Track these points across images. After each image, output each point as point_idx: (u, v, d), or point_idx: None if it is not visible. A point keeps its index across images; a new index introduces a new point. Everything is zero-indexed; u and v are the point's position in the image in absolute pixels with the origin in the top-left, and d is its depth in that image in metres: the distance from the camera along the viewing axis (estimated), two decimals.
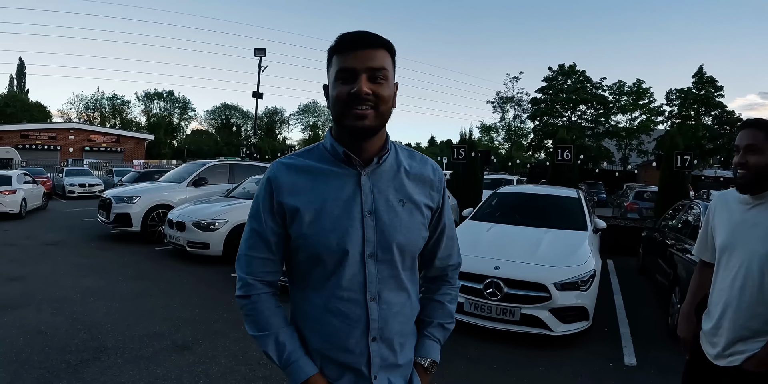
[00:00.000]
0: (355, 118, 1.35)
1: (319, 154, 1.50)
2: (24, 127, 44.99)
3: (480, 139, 57.49)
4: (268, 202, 1.46)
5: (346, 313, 1.42)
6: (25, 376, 4.15)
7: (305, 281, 1.48)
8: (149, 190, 11.47)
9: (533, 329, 4.98)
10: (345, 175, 1.45)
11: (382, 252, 1.45)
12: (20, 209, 14.49)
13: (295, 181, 1.45)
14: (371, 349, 1.45)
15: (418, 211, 1.53)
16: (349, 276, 1.42)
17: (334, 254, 1.41)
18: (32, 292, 6.65)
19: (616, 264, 9.44)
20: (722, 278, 2.18)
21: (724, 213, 2.25)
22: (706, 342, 2.25)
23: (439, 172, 1.64)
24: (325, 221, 1.41)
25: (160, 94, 72.44)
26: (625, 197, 19.42)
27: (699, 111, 42.20)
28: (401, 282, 1.51)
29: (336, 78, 1.37)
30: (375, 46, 1.37)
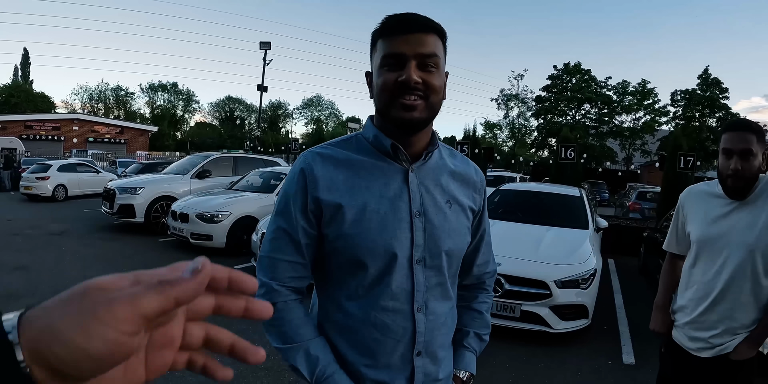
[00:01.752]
0: (402, 109, 1.22)
1: (359, 145, 1.35)
2: (28, 118, 44.89)
3: (483, 136, 57.40)
4: (300, 198, 1.28)
5: (390, 326, 1.28)
6: None
7: (340, 288, 1.32)
8: (153, 181, 11.50)
9: (533, 326, 5.01)
10: (390, 171, 1.32)
11: (431, 257, 1.32)
12: (53, 193, 16.80)
13: (333, 174, 1.29)
14: (416, 365, 1.32)
15: (464, 214, 1.42)
16: (396, 284, 1.28)
17: (380, 259, 1.26)
18: (36, 281, 6.69)
19: (616, 264, 9.46)
20: (703, 271, 2.16)
21: (699, 206, 2.23)
22: (683, 335, 2.25)
23: (481, 173, 1.54)
24: (371, 221, 1.26)
25: (165, 86, 72.30)
26: (628, 197, 19.43)
27: (703, 112, 42.02)
28: (447, 290, 1.39)
29: (382, 64, 1.24)
30: (426, 30, 1.24)
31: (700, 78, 42.01)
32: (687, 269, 2.28)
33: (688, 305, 2.22)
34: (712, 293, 2.10)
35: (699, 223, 2.20)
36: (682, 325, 2.25)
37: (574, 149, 12.81)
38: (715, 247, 2.11)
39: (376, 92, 1.27)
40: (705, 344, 2.13)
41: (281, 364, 4.29)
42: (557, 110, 46.84)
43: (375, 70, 1.28)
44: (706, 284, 2.14)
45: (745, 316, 2.06)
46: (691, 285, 2.23)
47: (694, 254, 2.23)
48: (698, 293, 2.17)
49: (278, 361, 4.33)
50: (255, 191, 9.89)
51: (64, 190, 17.40)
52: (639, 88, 45.31)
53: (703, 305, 2.14)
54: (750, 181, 2.03)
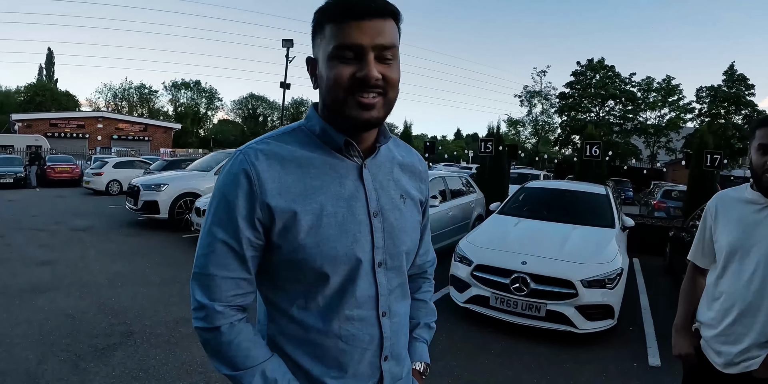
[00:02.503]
0: (360, 108, 1.09)
1: (305, 138, 1.20)
2: (53, 116, 45.63)
3: (507, 133, 57.06)
4: (246, 204, 1.11)
5: (357, 336, 1.20)
6: (52, 358, 4.24)
7: (296, 300, 1.19)
8: (177, 178, 11.61)
9: (558, 326, 4.95)
10: (342, 168, 1.19)
11: (391, 259, 1.24)
12: (106, 188, 19.03)
13: (281, 174, 1.13)
14: (383, 370, 1.26)
15: (416, 208, 1.36)
16: (360, 291, 1.19)
17: (343, 267, 1.15)
18: (61, 276, 6.79)
19: (642, 263, 9.32)
20: (733, 281, 2.01)
21: (728, 213, 2.09)
22: (709, 349, 2.10)
23: (424, 162, 1.47)
24: (330, 226, 1.14)
25: (188, 84, 72.89)
26: (653, 196, 19.15)
27: (729, 109, 41.42)
28: (406, 290, 1.36)
29: (333, 55, 1.08)
30: (384, 15, 1.08)
31: (726, 74, 41.44)
32: (713, 280, 2.13)
33: (716, 317, 2.08)
34: (742, 304, 1.96)
35: (730, 230, 2.05)
36: (709, 339, 2.11)
37: (599, 147, 12.63)
38: (747, 255, 1.97)
39: (325, 86, 1.11)
40: (732, 359, 1.99)
41: None
42: (581, 107, 46.46)
43: (324, 60, 1.11)
44: (734, 295, 2.00)
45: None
46: (717, 296, 2.09)
47: (722, 264, 2.07)
48: (725, 304, 2.03)
49: None
50: None
51: (118, 185, 19.27)
52: (664, 84, 44.76)
53: (731, 317, 2.00)
54: None
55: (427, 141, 17.88)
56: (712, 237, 2.16)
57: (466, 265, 5.52)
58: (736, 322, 1.97)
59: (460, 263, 5.63)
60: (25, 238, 9.35)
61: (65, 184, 21.79)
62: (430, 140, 22.20)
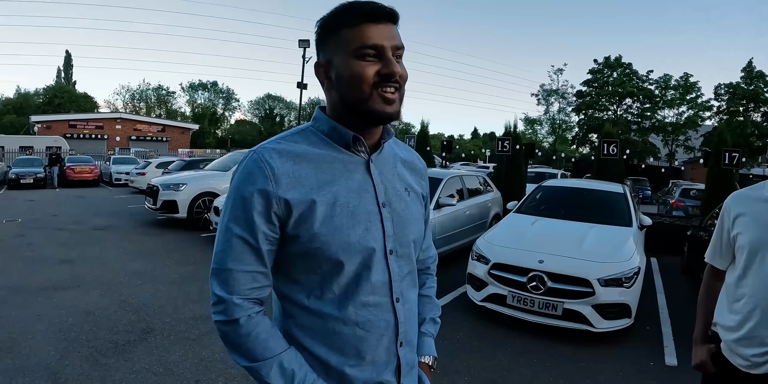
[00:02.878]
0: (383, 103, 1.18)
1: (313, 137, 1.28)
2: (72, 117, 46.10)
3: (524, 132, 56.80)
4: (262, 200, 1.17)
5: (373, 322, 1.25)
6: (74, 353, 4.32)
7: (311, 290, 1.24)
8: (195, 178, 11.71)
9: (575, 325, 4.94)
10: (351, 163, 1.27)
11: (401, 246, 1.31)
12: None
13: (294, 170, 1.20)
14: (400, 356, 1.31)
15: (419, 201, 1.44)
16: (375, 277, 1.25)
17: (357, 254, 1.22)
18: (81, 274, 6.89)
19: (659, 262, 9.26)
20: (755, 282, 1.96)
21: (748, 213, 2.05)
22: (730, 352, 2.05)
23: (423, 160, 1.56)
24: (343, 216, 1.20)
25: (205, 85, 73.43)
26: (671, 194, 18.94)
27: (748, 107, 40.87)
28: (415, 278, 1.42)
29: (355, 55, 1.17)
30: (394, 20, 1.21)
31: (744, 71, 40.83)
32: (734, 281, 2.08)
33: (737, 320, 2.01)
34: (766, 305, 1.91)
35: (752, 230, 2.00)
36: (731, 343, 2.05)
37: (616, 145, 12.54)
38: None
39: (348, 83, 1.19)
40: (756, 360, 1.93)
41: None
42: (598, 105, 46.16)
43: (344, 61, 1.19)
44: (757, 296, 1.94)
45: None
46: (739, 297, 2.03)
47: (743, 264, 2.01)
48: (748, 306, 1.97)
49: None
50: None
51: None
52: (681, 82, 44.32)
53: (754, 319, 1.94)
54: None
55: (444, 140, 17.89)
56: (730, 237, 2.12)
57: (483, 263, 5.53)
58: (760, 324, 1.92)
59: (477, 262, 5.64)
60: (45, 237, 9.49)
61: (84, 184, 22.08)
62: (447, 139, 22.19)
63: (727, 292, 2.11)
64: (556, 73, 54.73)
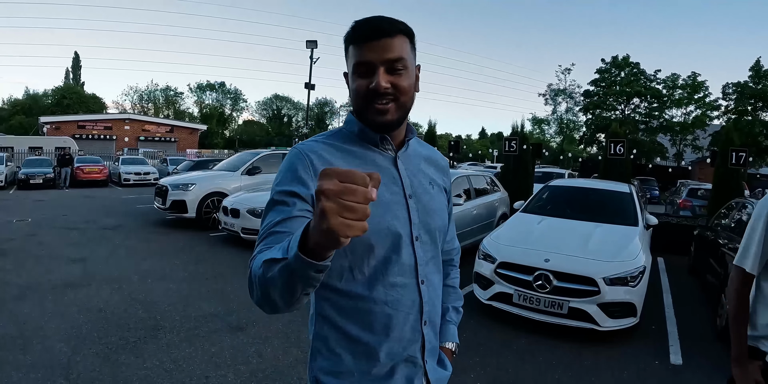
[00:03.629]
0: (376, 114, 1.31)
1: (347, 137, 1.42)
2: (81, 118, 46.37)
3: (531, 131, 56.66)
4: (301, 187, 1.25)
5: (401, 301, 1.35)
6: (85, 350, 4.39)
7: (343, 275, 1.32)
8: (204, 178, 11.76)
9: (581, 323, 4.97)
10: (380, 159, 1.41)
11: (425, 234, 1.42)
12: None
13: (334, 160, 1.33)
14: (424, 333, 1.41)
15: (443, 194, 1.56)
16: (402, 260, 1.35)
17: (387, 239, 1.32)
18: (92, 272, 6.97)
19: (666, 262, 9.26)
20: None
21: None
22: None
23: (444, 158, 1.68)
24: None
25: (213, 86, 73.79)
26: (678, 194, 18.89)
27: (756, 106, 40.60)
28: (439, 263, 1.51)
29: (354, 71, 1.32)
30: (391, 35, 1.28)
31: (752, 70, 40.54)
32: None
33: None
34: None
35: None
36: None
37: (623, 145, 12.52)
38: None
39: (352, 96, 1.35)
40: None
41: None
42: (606, 105, 46.02)
43: (350, 75, 1.35)
44: None
45: None
46: None
47: None
48: None
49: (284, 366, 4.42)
50: None
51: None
52: (689, 81, 44.12)
53: None
54: None
55: (451, 140, 17.89)
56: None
57: (489, 262, 5.57)
58: None
59: (483, 261, 5.68)
60: (56, 237, 9.59)
61: (94, 184, 22.20)
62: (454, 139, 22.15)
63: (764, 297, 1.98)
64: (563, 72, 54.85)
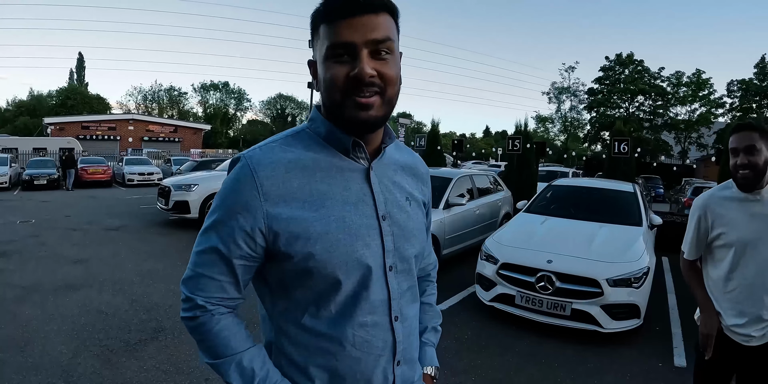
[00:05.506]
0: (358, 109, 1.06)
1: (309, 141, 1.17)
2: (85, 119, 46.52)
3: (535, 130, 56.55)
4: (246, 213, 1.07)
5: (371, 342, 1.17)
6: (85, 352, 4.38)
7: (306, 308, 1.15)
8: (207, 178, 11.75)
9: (584, 325, 4.93)
10: (348, 170, 1.16)
11: (401, 262, 1.22)
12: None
13: (284, 180, 1.09)
14: (396, 375, 1.23)
15: (420, 210, 1.34)
16: (373, 296, 1.16)
17: (355, 272, 1.12)
18: (94, 274, 6.97)
19: (671, 262, 9.17)
20: (748, 272, 2.27)
21: (727, 212, 2.36)
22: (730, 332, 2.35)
23: (425, 164, 1.46)
24: (340, 232, 1.10)
25: (216, 86, 73.96)
26: (683, 193, 18.76)
27: (761, 103, 40.46)
28: (415, 292, 1.33)
29: (328, 55, 1.06)
30: (376, 10, 1.05)
31: (757, 67, 40.46)
32: (723, 275, 2.36)
33: (733, 307, 2.33)
34: (760, 290, 2.25)
35: (736, 228, 2.31)
36: (727, 326, 2.36)
37: (627, 143, 12.48)
38: (757, 246, 2.25)
39: (323, 88, 1.09)
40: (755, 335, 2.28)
41: None
42: (610, 103, 45.91)
43: (320, 62, 1.09)
44: (751, 285, 2.27)
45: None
46: (731, 288, 2.34)
47: (730, 259, 2.32)
48: (742, 295, 2.30)
49: None
50: None
51: None
52: (694, 78, 43.96)
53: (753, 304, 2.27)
54: (758, 175, 2.23)
55: (455, 139, 17.83)
56: (708, 236, 2.43)
57: (492, 263, 5.53)
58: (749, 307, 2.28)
59: (486, 261, 5.64)
60: (59, 238, 9.59)
61: (97, 185, 22.24)
62: (458, 138, 22.08)
63: (716, 285, 2.42)
64: (567, 70, 54.60)
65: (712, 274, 2.45)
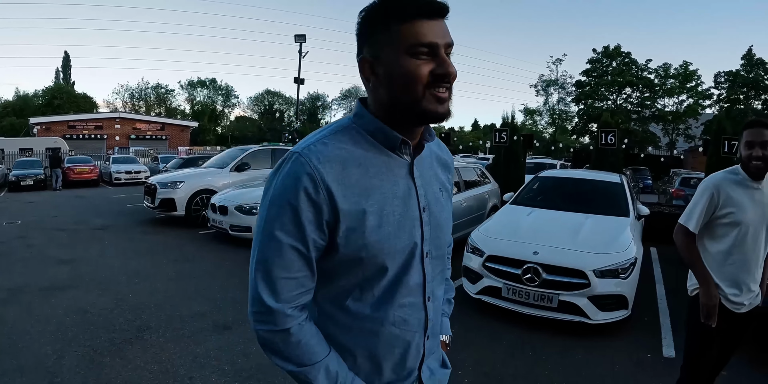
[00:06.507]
0: (436, 102, 1.14)
1: (358, 136, 1.22)
2: (71, 118, 46.19)
3: (523, 122, 56.62)
4: (312, 209, 1.13)
5: (409, 321, 1.28)
6: (70, 353, 4.34)
7: (350, 294, 1.24)
8: (193, 175, 11.70)
9: (571, 317, 4.92)
10: (396, 166, 1.24)
11: (435, 249, 1.33)
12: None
13: (343, 175, 1.15)
14: (426, 348, 1.35)
15: (450, 199, 1.45)
16: (412, 280, 1.26)
17: (400, 259, 1.23)
18: (80, 274, 6.91)
19: (659, 252, 9.21)
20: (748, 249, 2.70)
21: (737, 193, 2.70)
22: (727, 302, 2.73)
23: (450, 153, 1.55)
24: (390, 224, 1.20)
25: (204, 82, 73.47)
26: (671, 183, 18.84)
27: (748, 95, 40.65)
28: (444, 275, 1.46)
29: (408, 52, 1.11)
30: (445, 15, 1.15)
31: (744, 58, 40.61)
32: (725, 250, 2.74)
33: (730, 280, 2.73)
34: (757, 265, 2.74)
35: (744, 209, 2.68)
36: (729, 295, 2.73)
37: (615, 134, 12.50)
38: (756, 227, 2.69)
39: (400, 82, 1.14)
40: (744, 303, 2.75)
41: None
42: (598, 95, 45.89)
43: (394, 58, 1.13)
44: (748, 260, 2.71)
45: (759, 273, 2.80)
46: (731, 263, 2.73)
47: (734, 236, 2.71)
48: (740, 268, 2.72)
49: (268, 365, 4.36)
50: None
51: None
52: (681, 70, 44.03)
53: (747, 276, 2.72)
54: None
55: (442, 132, 17.83)
56: (716, 213, 2.74)
57: (478, 255, 5.52)
58: (744, 279, 2.72)
59: (472, 254, 5.63)
60: (45, 238, 9.51)
61: (85, 184, 22.09)
62: (446, 131, 22.09)
63: (715, 260, 2.77)
64: (555, 63, 54.68)
65: (710, 249, 2.80)
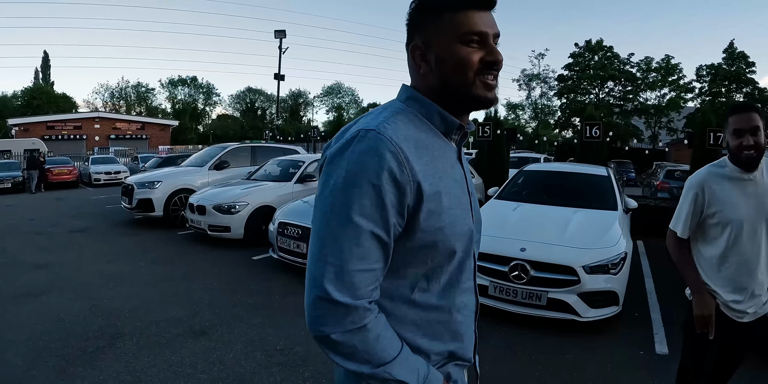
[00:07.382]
0: (485, 89, 1.17)
1: (416, 120, 1.19)
2: (49, 119, 45.81)
3: (506, 117, 56.79)
4: (395, 189, 1.04)
5: (468, 306, 1.28)
6: (41, 364, 4.14)
7: (416, 286, 1.17)
8: (171, 174, 11.46)
9: (561, 314, 4.79)
10: (448, 151, 1.24)
11: (477, 231, 1.32)
12: None
13: (420, 156, 1.10)
14: (476, 333, 1.36)
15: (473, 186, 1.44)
16: (470, 264, 1.27)
17: (464, 243, 1.20)
18: (56, 279, 6.69)
19: (646, 245, 9.14)
20: (746, 250, 2.37)
21: (723, 190, 2.42)
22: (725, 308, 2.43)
23: None
24: (456, 207, 1.18)
25: (184, 81, 73.03)
26: (656, 176, 18.91)
27: (730, 88, 40.97)
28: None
29: (462, 40, 1.14)
30: (494, 7, 1.21)
31: (726, 52, 40.96)
32: (719, 253, 2.44)
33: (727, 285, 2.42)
34: (758, 266, 2.37)
35: (732, 207, 2.38)
36: (727, 302, 2.43)
37: (599, 127, 12.46)
38: (752, 224, 2.35)
39: (449, 69, 1.16)
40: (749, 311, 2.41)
41: (295, 360, 4.16)
42: (580, 89, 46.13)
43: (446, 46, 1.16)
44: (748, 261, 2.38)
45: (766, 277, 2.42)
46: (728, 265, 2.41)
47: (727, 237, 2.40)
48: (739, 271, 2.39)
49: (292, 356, 4.21)
50: (273, 180, 9.80)
51: None
52: (663, 64, 44.36)
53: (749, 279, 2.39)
54: (761, 154, 2.30)
55: None
56: (703, 213, 2.49)
57: None
58: (746, 283, 2.39)
59: None
60: (21, 243, 9.24)
61: (64, 186, 21.70)
62: None
63: (710, 263, 2.49)
64: (537, 58, 54.93)
65: (704, 253, 2.53)
